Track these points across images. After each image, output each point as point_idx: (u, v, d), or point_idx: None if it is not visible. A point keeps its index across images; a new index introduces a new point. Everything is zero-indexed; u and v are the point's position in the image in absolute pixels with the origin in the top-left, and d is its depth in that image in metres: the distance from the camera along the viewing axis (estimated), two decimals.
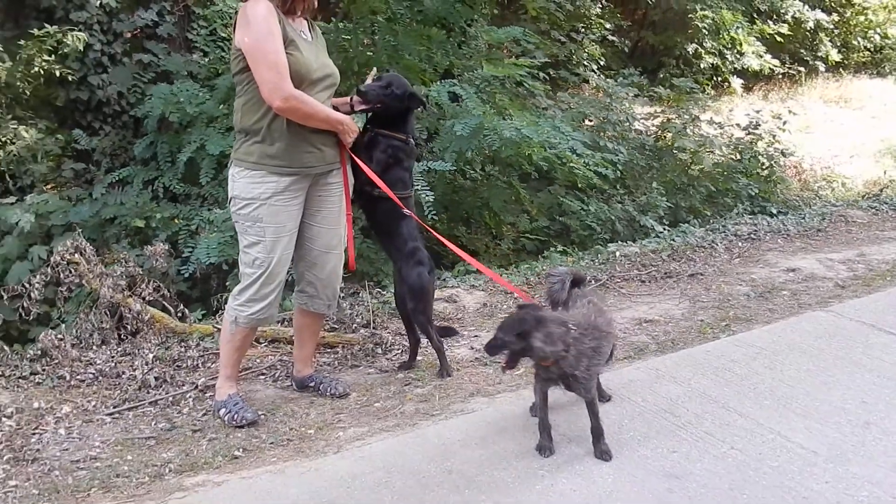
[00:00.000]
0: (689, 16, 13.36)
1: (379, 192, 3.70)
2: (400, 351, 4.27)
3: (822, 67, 15.66)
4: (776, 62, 14.43)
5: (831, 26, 15.69)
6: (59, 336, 4.16)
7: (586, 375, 2.98)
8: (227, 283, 5.31)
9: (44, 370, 4.02)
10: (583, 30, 12.16)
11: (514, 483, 2.92)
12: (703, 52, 13.75)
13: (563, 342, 2.88)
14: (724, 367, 3.91)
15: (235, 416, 3.46)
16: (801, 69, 15.40)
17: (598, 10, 12.32)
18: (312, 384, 3.79)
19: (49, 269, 4.44)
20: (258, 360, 4.16)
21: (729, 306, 4.89)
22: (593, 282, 5.35)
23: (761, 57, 14.19)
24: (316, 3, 3.46)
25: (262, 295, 3.40)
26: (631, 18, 13.92)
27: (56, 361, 4.05)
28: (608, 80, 9.71)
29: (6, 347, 4.21)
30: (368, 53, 6.49)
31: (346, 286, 4.86)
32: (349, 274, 4.91)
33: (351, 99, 3.68)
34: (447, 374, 3.93)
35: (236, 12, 3.35)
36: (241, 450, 3.25)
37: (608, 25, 12.36)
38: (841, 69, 16.03)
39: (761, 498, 2.83)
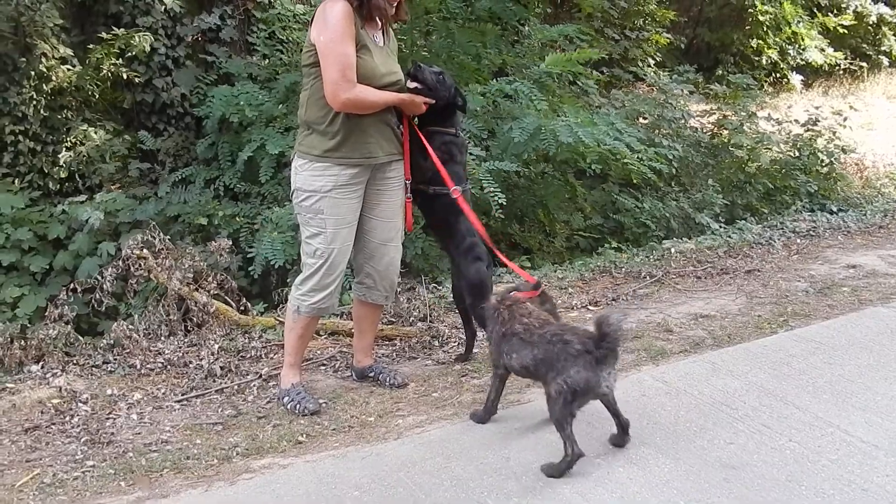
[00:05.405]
0: (749, 10, 13.13)
1: (435, 190, 3.77)
2: (456, 344, 4.35)
3: (885, 62, 15.25)
4: (839, 55, 14.11)
5: (895, 20, 15.28)
6: (130, 327, 4.34)
7: (493, 346, 3.29)
8: (287, 280, 5.45)
9: (115, 359, 4.19)
10: (640, 26, 12.05)
11: (571, 470, 2.96)
12: (765, 46, 13.49)
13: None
14: (782, 362, 3.89)
15: (298, 406, 3.58)
16: (864, 64, 15.01)
17: (654, 6, 12.18)
18: (372, 374, 3.89)
19: (120, 263, 4.62)
20: (319, 352, 4.27)
21: (787, 302, 4.85)
22: (648, 278, 5.35)
23: (823, 51, 13.90)
24: (392, 11, 3.51)
25: (323, 285, 3.51)
26: (686, 15, 13.74)
27: (127, 351, 4.24)
28: (663, 76, 9.62)
29: (80, 338, 4.41)
30: (423, 53, 6.58)
31: (402, 282, 4.95)
32: (405, 269, 5.02)
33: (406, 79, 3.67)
34: None
35: (314, 6, 3.44)
36: (304, 435, 3.36)
37: (671, 16, 12.18)
38: None
39: (820, 490, 2.82)
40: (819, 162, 8.73)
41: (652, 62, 11.92)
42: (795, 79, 13.99)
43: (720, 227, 6.91)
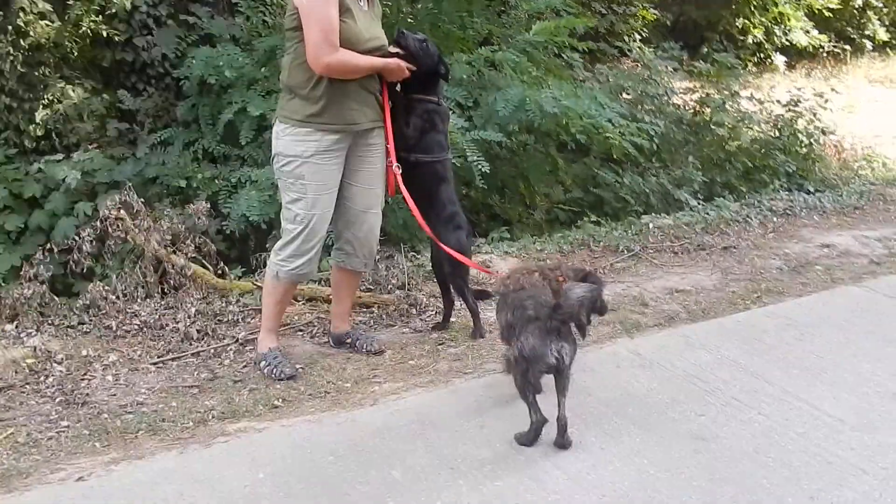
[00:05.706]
0: None
1: (416, 157, 3.77)
2: (434, 312, 4.36)
3: (869, 46, 15.32)
4: (823, 37, 14.16)
5: (880, 4, 15.33)
6: (107, 288, 4.31)
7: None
8: (266, 244, 5.42)
9: (91, 321, 4.17)
10: (627, 1, 12.01)
11: (545, 439, 3.00)
12: (751, 26, 13.50)
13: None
14: (754, 337, 3.96)
15: (275, 371, 3.59)
16: (847, 48, 15.07)
17: None
18: (349, 340, 3.90)
19: (98, 224, 4.57)
20: (296, 317, 4.27)
21: (761, 279, 4.91)
22: (625, 252, 5.39)
23: (808, 33, 13.93)
24: None
25: (302, 250, 3.51)
26: None
27: (103, 312, 4.21)
28: (649, 52, 9.60)
29: (56, 298, 4.37)
30: (409, 21, 6.51)
31: (381, 249, 4.94)
32: (384, 237, 5.01)
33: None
34: (480, 336, 4.01)
35: None
36: (280, 400, 3.37)
37: None
38: (888, 49, 15.65)
39: (786, 461, 2.89)
40: (799, 143, 8.77)
41: (638, 38, 11.89)
42: (779, 60, 14.01)
43: (698, 203, 6.95)
